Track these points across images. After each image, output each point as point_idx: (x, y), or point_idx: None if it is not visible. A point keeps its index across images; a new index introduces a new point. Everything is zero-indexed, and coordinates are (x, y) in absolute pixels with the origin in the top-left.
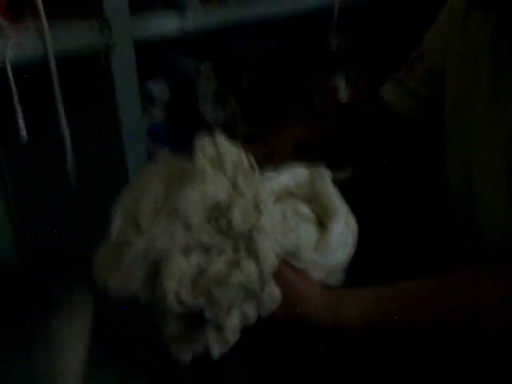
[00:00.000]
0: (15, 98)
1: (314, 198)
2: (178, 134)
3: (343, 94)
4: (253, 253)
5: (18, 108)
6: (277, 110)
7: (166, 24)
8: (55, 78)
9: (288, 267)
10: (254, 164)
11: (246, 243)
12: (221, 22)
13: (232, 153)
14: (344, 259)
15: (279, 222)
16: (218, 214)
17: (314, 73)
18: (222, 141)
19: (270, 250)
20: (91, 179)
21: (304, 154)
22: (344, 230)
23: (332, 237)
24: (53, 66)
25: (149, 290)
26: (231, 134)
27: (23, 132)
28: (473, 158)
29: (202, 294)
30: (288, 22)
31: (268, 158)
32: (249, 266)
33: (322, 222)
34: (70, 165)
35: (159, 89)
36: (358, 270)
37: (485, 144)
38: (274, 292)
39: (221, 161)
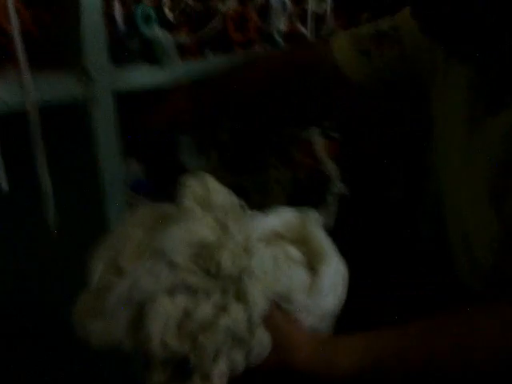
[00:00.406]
0: None
1: (303, 242)
2: (158, 185)
3: (318, 144)
4: (242, 297)
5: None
6: (256, 159)
7: (146, 77)
8: (35, 129)
9: (279, 312)
10: (244, 206)
11: (235, 286)
12: (198, 75)
13: (221, 193)
14: (335, 305)
15: (270, 264)
16: (205, 254)
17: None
18: (211, 181)
19: (260, 294)
20: (70, 229)
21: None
22: (335, 274)
23: (324, 281)
24: (33, 119)
25: (133, 335)
26: None
27: (4, 182)
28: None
29: (188, 339)
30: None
31: None
32: (237, 311)
33: (313, 266)
34: (50, 214)
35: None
36: (349, 314)
37: (466, 185)
38: (263, 339)
39: (209, 201)
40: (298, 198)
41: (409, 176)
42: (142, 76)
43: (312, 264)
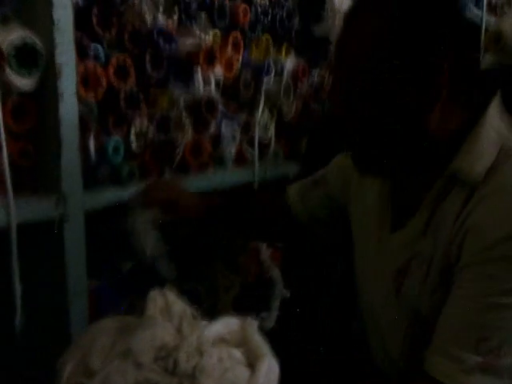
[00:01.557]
0: None
1: (243, 344)
2: (121, 296)
3: (264, 253)
4: None
5: None
6: (207, 268)
7: (112, 198)
8: (14, 246)
9: None
10: (197, 314)
11: (190, 381)
12: None
13: (178, 304)
14: None
15: (217, 363)
16: (164, 354)
17: (239, 236)
18: (171, 295)
19: None
20: (36, 335)
21: None
22: (268, 371)
23: (259, 376)
24: (13, 236)
25: None
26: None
27: None
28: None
29: None
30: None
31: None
32: None
33: (251, 365)
34: (18, 318)
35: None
36: None
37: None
38: None
39: (169, 310)
40: (244, 301)
41: (341, 283)
42: (109, 196)
43: (250, 362)
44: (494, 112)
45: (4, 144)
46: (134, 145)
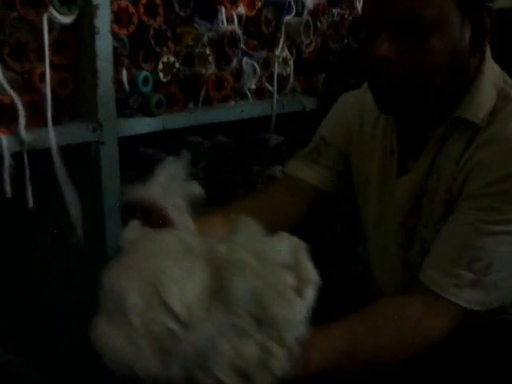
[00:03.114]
0: (27, 175)
1: (295, 267)
2: None
3: None
4: (283, 344)
5: (28, 183)
6: (225, 192)
7: (142, 126)
8: (58, 164)
9: None
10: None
11: (279, 333)
12: (183, 124)
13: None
14: None
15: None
16: (258, 307)
17: (256, 164)
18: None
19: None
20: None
21: None
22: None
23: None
24: (56, 155)
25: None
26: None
27: (30, 201)
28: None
29: (242, 378)
30: (236, 123)
31: None
32: (280, 355)
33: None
34: (75, 221)
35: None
36: None
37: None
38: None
39: (261, 256)
40: None
41: (351, 213)
42: (140, 126)
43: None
44: (491, 59)
45: (48, 73)
46: (161, 77)
